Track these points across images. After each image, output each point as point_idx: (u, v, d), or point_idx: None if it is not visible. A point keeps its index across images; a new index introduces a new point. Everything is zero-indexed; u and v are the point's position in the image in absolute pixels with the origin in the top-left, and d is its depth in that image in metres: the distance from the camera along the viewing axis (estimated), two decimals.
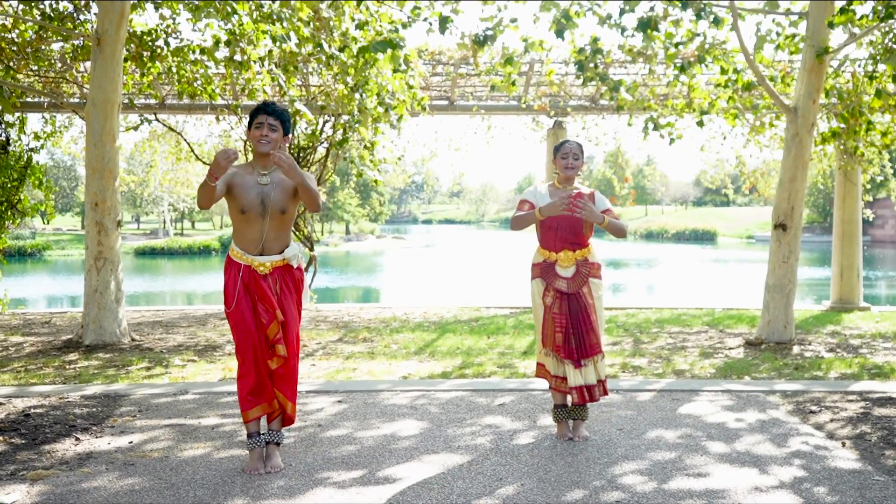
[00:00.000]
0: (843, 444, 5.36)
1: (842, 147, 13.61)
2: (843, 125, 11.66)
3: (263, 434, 4.91)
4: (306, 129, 13.17)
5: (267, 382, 4.86)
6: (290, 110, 10.33)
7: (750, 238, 64.30)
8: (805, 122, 9.92)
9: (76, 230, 64.89)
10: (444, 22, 8.60)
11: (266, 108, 4.82)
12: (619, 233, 5.47)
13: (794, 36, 10.59)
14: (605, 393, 5.54)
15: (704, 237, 67.94)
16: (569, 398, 5.60)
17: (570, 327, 5.43)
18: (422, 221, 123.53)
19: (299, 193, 4.82)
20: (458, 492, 4.48)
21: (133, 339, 10.39)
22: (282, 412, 4.94)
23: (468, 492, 4.48)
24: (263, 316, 4.80)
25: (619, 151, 17.46)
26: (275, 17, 9.64)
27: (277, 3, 9.60)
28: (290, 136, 4.97)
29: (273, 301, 4.82)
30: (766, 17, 10.66)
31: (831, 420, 6.02)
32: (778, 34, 10.74)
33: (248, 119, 4.89)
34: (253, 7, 9.91)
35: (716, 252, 51.73)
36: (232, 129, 15.08)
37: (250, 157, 9.81)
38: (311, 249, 14.86)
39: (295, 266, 4.97)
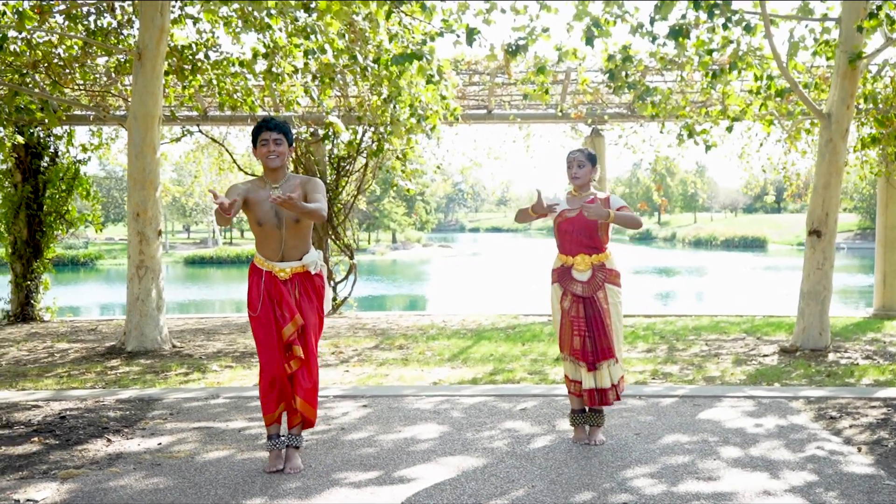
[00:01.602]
0: (859, 450, 5.37)
1: (881, 152, 13.49)
2: (882, 130, 11.57)
3: (283, 437, 5.06)
4: (339, 137, 13.39)
5: (286, 385, 5.01)
6: (325, 121, 10.58)
7: (801, 245, 63.36)
8: (839, 128, 9.86)
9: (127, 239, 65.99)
10: (470, 34, 8.72)
11: (267, 125, 4.98)
12: (633, 224, 5.49)
13: (827, 42, 10.54)
14: (619, 398, 5.62)
15: (754, 244, 67.10)
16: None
17: (587, 331, 5.51)
18: (469, 230, 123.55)
19: (302, 218, 4.97)
20: (469, 493, 4.60)
21: (174, 346, 10.65)
22: (301, 416, 5.07)
23: (479, 493, 4.59)
24: (281, 320, 4.95)
25: (659, 159, 17.41)
26: (309, 30, 9.84)
27: (313, 16, 9.79)
28: (292, 145, 5.11)
29: (292, 304, 4.98)
30: (799, 23, 10.62)
31: (850, 426, 6.02)
32: (816, 40, 10.70)
33: (252, 134, 5.05)
34: (288, 21, 10.13)
35: (765, 259, 51.14)
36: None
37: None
38: (351, 258, 15.08)
39: (314, 272, 5.11)
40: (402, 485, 4.74)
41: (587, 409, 5.65)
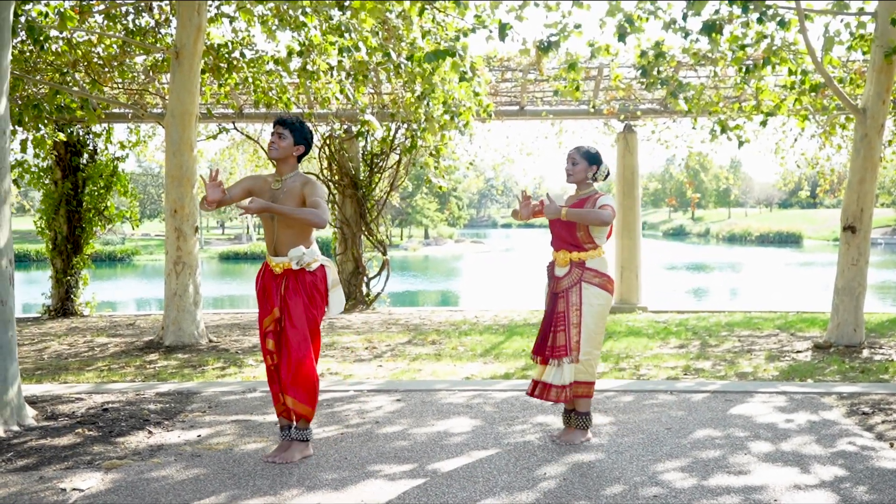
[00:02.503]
0: (891, 445, 5.38)
1: None
2: None
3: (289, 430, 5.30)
4: (375, 135, 13.52)
5: (274, 378, 5.24)
6: (360, 118, 10.69)
7: (837, 240, 62.65)
8: (874, 123, 9.81)
9: (163, 235, 66.92)
10: (503, 29, 8.77)
11: (278, 120, 5.20)
12: (590, 220, 5.36)
13: (862, 36, 10.48)
14: (565, 400, 5.45)
15: (789, 240, 66.54)
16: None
17: (547, 324, 5.54)
18: (501, 226, 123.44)
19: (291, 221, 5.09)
20: (502, 485, 4.68)
21: (210, 341, 10.81)
22: (294, 412, 5.21)
23: (511, 485, 4.67)
24: (264, 313, 5.20)
25: (692, 155, 17.36)
26: (343, 28, 9.95)
27: (346, 14, 9.89)
28: (303, 146, 5.23)
29: (274, 298, 5.16)
30: (834, 17, 10.57)
31: (883, 422, 6.02)
32: (852, 34, 10.64)
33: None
34: (322, 19, 10.24)
35: (800, 255, 50.68)
36: None
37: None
38: (384, 254, 15.21)
39: (296, 267, 5.13)
40: (436, 477, 4.82)
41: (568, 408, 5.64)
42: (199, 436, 5.78)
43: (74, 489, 4.64)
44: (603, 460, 5.13)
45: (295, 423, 5.26)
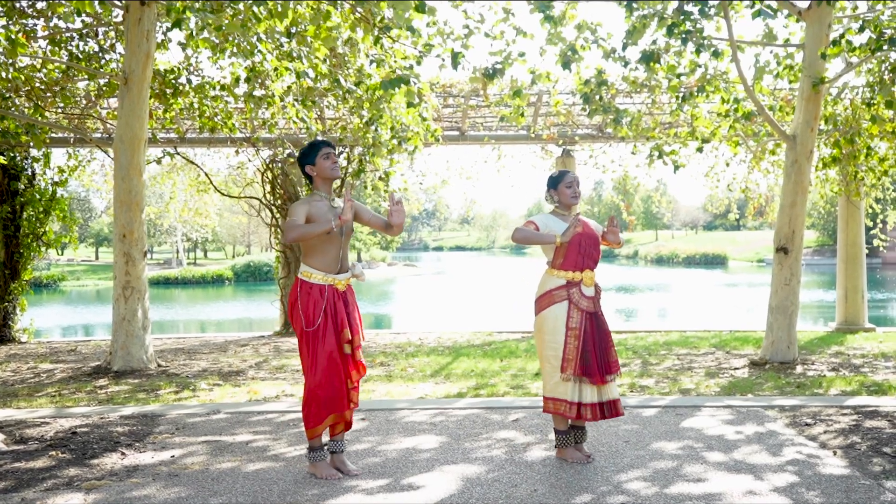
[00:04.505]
0: (835, 453, 5.73)
1: (842, 172, 14.01)
2: (842, 151, 12.05)
3: (327, 444, 5.43)
4: None
5: (343, 395, 5.26)
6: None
7: (761, 261, 64.51)
8: (804, 150, 10.31)
9: (90, 261, 65.75)
10: (455, 58, 9.05)
11: (328, 143, 5.38)
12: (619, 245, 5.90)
13: (790, 66, 11.02)
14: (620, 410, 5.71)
15: (715, 261, 68.21)
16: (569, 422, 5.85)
17: (597, 345, 5.55)
18: (433, 248, 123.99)
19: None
20: (476, 496, 4.87)
21: (159, 365, 10.81)
22: (344, 422, 5.38)
23: (486, 496, 4.87)
24: (348, 331, 5.25)
25: (627, 178, 17.84)
26: (294, 54, 10.11)
27: (294, 41, 10.05)
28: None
29: (344, 318, 5.27)
30: (764, 48, 11.09)
31: (825, 431, 6.39)
32: (778, 63, 11.18)
33: (304, 154, 5.36)
34: (273, 46, 10.38)
35: (726, 276, 51.94)
36: (249, 160, 15.64)
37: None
38: None
39: (361, 280, 5.52)
40: (412, 491, 5.00)
41: (574, 427, 5.74)
42: (172, 456, 5.87)
43: None
44: (569, 472, 5.36)
45: (336, 435, 5.40)
